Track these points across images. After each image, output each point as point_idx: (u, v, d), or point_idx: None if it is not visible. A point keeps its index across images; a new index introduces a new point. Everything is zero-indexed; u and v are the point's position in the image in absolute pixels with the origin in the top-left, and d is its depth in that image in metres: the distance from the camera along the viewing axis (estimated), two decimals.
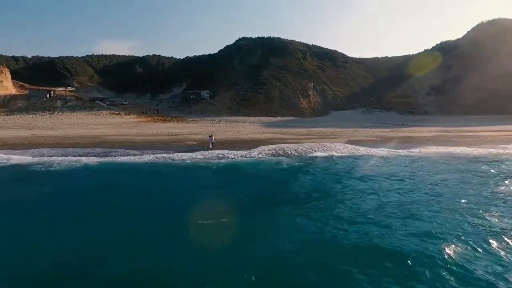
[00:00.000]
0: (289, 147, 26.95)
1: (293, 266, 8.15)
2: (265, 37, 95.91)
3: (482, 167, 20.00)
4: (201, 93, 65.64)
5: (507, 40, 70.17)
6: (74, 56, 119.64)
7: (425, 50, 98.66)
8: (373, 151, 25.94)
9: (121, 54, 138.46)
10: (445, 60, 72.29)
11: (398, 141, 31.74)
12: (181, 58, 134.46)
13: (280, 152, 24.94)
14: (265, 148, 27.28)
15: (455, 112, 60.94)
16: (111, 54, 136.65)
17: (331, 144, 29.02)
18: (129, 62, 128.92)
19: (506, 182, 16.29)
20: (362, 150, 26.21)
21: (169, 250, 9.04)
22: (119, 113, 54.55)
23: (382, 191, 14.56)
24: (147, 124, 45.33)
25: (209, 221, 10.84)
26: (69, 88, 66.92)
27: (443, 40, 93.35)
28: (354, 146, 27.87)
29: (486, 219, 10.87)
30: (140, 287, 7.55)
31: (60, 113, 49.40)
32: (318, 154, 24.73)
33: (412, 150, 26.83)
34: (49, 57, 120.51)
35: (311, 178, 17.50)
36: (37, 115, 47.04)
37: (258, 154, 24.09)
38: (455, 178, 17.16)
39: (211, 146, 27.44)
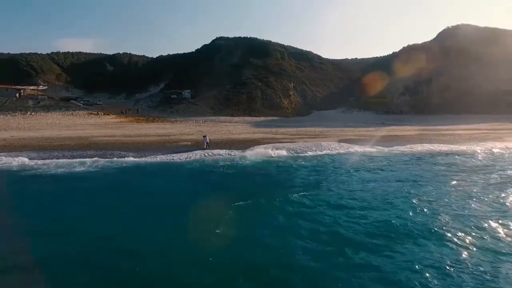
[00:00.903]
0: (287, 147, 27.21)
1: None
2: (244, 37, 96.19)
3: (472, 162, 21.54)
4: (183, 93, 64.36)
5: (469, 44, 75.49)
6: (38, 53, 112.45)
7: (393, 53, 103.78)
8: (368, 149, 26.90)
9: (85, 51, 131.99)
10: (416, 63, 76.28)
11: (385, 140, 33.10)
12: (154, 57, 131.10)
13: (281, 151, 25.10)
14: (262, 147, 27.42)
15: (427, 112, 64.54)
16: (77, 51, 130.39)
17: (326, 143, 29.71)
18: (98, 60, 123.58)
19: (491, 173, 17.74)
20: (357, 149, 27.06)
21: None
22: (98, 113, 52.13)
23: (404, 182, 15.45)
24: (130, 124, 43.77)
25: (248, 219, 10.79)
26: (41, 87, 62.83)
27: (410, 43, 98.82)
28: (349, 145, 28.69)
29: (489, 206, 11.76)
30: None
31: (33, 113, 46.26)
32: (318, 152, 25.23)
33: (402, 147, 28.17)
34: (9, 53, 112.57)
35: (328, 175, 17.86)
36: (8, 115, 43.74)
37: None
38: (454, 172, 18.42)
39: (205, 146, 26.99)
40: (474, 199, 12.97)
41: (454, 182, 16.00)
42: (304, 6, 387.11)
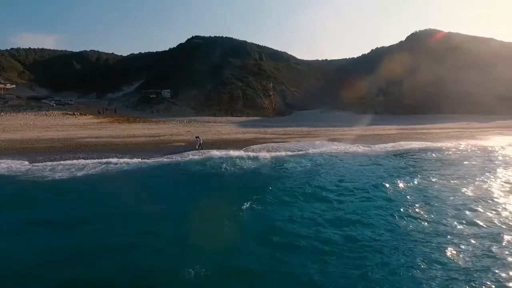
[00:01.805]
0: (285, 146, 27.59)
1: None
2: (220, 36, 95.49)
3: (455, 156, 23.51)
4: (162, 92, 62.65)
5: (436, 47, 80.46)
6: None
7: (363, 55, 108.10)
8: (361, 148, 27.88)
9: (47, 48, 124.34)
10: (387, 65, 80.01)
11: (372, 138, 34.47)
12: (125, 55, 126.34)
13: (279, 151, 25.38)
14: (258, 147, 27.61)
15: (400, 112, 67.80)
16: (40, 47, 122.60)
17: (320, 142, 30.49)
18: (64, 58, 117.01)
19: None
20: (350, 147, 27.97)
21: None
22: (73, 114, 49.41)
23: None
24: (112, 125, 42.01)
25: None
26: (9, 85, 58.17)
27: (379, 46, 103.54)
28: (340, 144, 29.59)
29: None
30: None
31: (2, 113, 42.88)
32: (317, 150, 25.85)
33: (390, 145, 29.60)
34: None
35: (347, 169, 18.72)
36: None
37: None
38: (440, 164, 20.77)
39: (197, 147, 26.62)
40: (463, 187, 15.28)
41: (444, 172, 17.87)
42: (275, 7, 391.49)
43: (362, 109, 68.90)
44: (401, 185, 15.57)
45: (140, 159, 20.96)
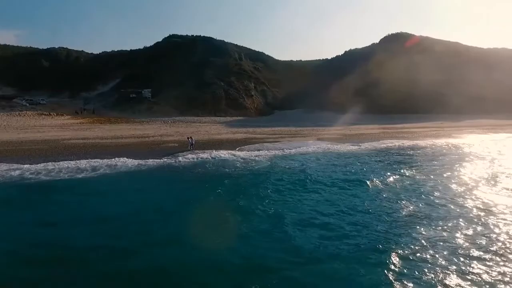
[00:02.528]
0: (279, 146, 27.91)
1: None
2: (198, 35, 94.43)
3: (440, 152, 25.12)
4: (143, 92, 60.96)
5: (409, 50, 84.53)
6: None
7: (336, 56, 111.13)
8: (350, 147, 28.73)
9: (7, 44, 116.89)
10: (365, 66, 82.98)
11: (358, 137, 35.65)
12: (96, 53, 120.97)
13: (278, 150, 25.68)
14: (252, 147, 27.80)
15: (377, 112, 70.44)
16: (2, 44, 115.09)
17: (313, 141, 31.21)
18: (30, 55, 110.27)
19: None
20: (341, 146, 28.75)
21: None
22: (49, 114, 47.00)
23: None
24: (95, 126, 40.51)
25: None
26: None
27: (352, 48, 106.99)
28: (331, 143, 30.31)
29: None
30: None
31: None
32: (314, 149, 26.46)
33: (378, 143, 30.92)
34: None
35: (358, 165, 19.29)
36: None
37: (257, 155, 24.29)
38: (428, 159, 22.13)
39: (189, 147, 26.38)
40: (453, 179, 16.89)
41: (434, 164, 20.27)
42: (245, 7, 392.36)
43: (342, 109, 70.86)
44: (405, 176, 17.20)
45: (139, 160, 20.43)
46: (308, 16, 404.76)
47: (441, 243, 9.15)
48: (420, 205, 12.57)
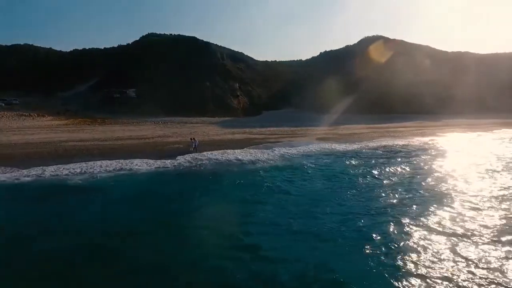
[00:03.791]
0: (287, 146, 28.27)
1: None
2: (176, 34, 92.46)
3: (433, 148, 26.70)
4: (128, 92, 58.94)
5: (384, 52, 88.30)
6: None
7: (312, 57, 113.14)
8: (355, 145, 29.76)
9: None
10: (343, 68, 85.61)
11: (354, 137, 36.73)
12: (67, 50, 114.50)
13: (288, 150, 26.04)
14: (260, 146, 28.08)
15: (357, 111, 72.94)
16: None
17: (317, 142, 31.86)
18: None
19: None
20: (346, 145, 29.67)
21: None
22: (29, 115, 44.30)
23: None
24: (85, 127, 38.82)
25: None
26: None
27: (327, 49, 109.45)
28: (331, 143, 31.04)
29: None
30: None
31: None
32: (317, 148, 27.31)
33: (376, 142, 32.24)
34: None
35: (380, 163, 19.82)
36: None
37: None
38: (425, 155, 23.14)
39: (192, 149, 26.17)
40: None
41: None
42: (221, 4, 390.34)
43: (324, 109, 72.66)
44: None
45: (156, 161, 20.08)
46: (278, 17, 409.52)
47: None
48: None
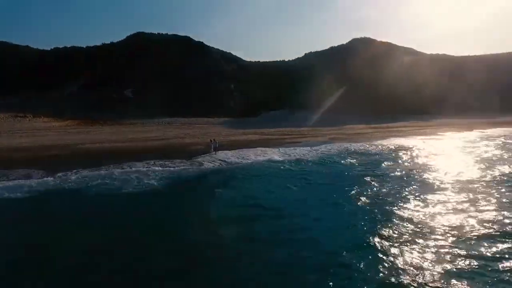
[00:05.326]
0: (319, 145, 28.17)
1: None
2: (166, 33, 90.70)
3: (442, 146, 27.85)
4: (125, 92, 57.17)
5: (373, 54, 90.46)
6: None
7: (297, 58, 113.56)
8: (369, 145, 29.99)
9: None
10: (341, 67, 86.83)
11: (362, 137, 36.98)
12: (48, 49, 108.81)
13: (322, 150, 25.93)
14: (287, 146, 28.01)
15: (348, 112, 73.68)
16: None
17: (331, 141, 32.09)
18: None
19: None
20: (362, 145, 29.89)
21: None
22: (25, 116, 42.07)
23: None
24: (89, 128, 37.51)
25: None
26: None
27: (312, 50, 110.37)
28: (346, 143, 31.06)
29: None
30: None
31: None
32: (343, 147, 27.59)
33: (387, 142, 32.59)
34: None
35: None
36: None
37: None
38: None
39: (212, 150, 25.82)
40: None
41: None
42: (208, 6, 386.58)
43: (318, 110, 73.48)
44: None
45: (190, 162, 19.80)
46: (264, 17, 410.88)
47: None
48: None
